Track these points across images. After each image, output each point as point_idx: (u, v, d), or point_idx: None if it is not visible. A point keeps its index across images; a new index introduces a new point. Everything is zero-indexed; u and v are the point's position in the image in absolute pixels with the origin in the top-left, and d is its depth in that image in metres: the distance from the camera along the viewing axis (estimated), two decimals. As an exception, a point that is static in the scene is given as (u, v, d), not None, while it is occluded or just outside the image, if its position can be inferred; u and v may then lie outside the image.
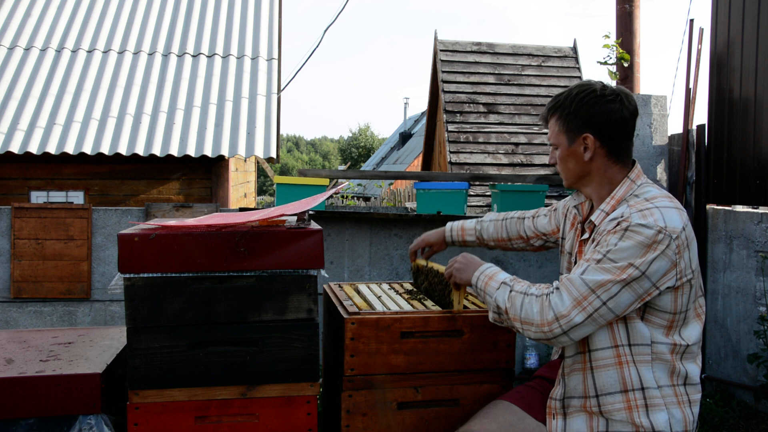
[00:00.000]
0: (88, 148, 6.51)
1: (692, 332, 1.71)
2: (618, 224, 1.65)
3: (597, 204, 1.83)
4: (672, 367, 1.68)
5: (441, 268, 2.11)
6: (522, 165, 7.55)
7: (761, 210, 3.96)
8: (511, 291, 1.72)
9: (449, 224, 2.33)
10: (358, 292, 2.20)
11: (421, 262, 2.27)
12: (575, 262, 1.87)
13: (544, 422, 1.77)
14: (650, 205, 1.66)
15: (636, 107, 1.80)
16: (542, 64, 8.30)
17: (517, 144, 7.69)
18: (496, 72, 8.18)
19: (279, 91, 7.49)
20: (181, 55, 7.72)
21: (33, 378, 1.72)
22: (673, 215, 1.64)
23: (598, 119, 1.76)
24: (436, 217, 4.17)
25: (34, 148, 6.43)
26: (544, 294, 1.66)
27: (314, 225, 1.86)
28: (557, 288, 1.66)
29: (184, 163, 7.02)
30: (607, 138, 1.77)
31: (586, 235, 1.81)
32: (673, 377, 1.69)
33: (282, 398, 1.77)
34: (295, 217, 2.02)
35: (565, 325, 1.61)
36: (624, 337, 1.67)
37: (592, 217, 1.78)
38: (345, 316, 1.84)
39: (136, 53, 7.66)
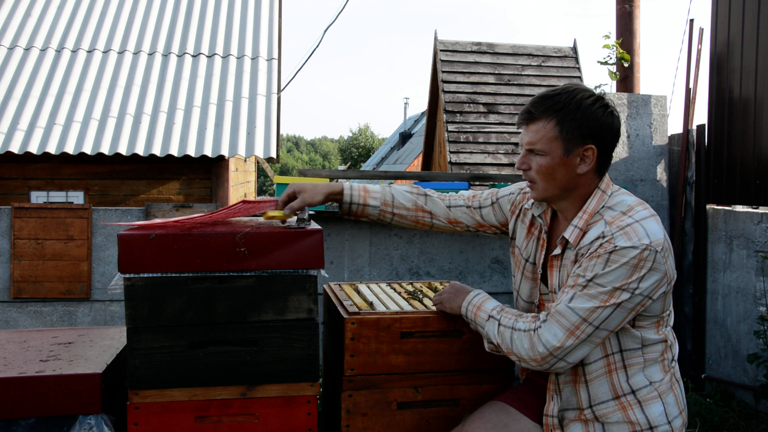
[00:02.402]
0: (88, 148, 6.51)
1: (672, 318, 1.76)
2: (600, 246, 1.59)
3: (566, 217, 1.75)
4: (663, 361, 1.71)
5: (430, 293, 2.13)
6: (522, 165, 7.54)
7: (761, 210, 3.96)
8: (499, 326, 1.68)
9: (348, 182, 1.99)
10: (358, 292, 2.20)
11: (275, 213, 1.86)
12: (543, 275, 1.82)
13: (540, 423, 1.77)
14: (630, 220, 1.60)
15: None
16: (542, 64, 8.30)
17: (517, 144, 7.69)
18: (496, 72, 8.18)
19: (279, 91, 7.49)
20: (181, 55, 7.72)
21: (33, 378, 1.72)
22: (653, 226, 1.61)
23: (603, 131, 1.66)
24: (436, 217, 4.17)
25: (34, 148, 6.43)
26: (531, 329, 1.62)
27: (314, 225, 1.86)
28: (545, 321, 1.61)
29: (184, 163, 7.02)
30: (604, 151, 1.69)
31: (557, 251, 1.72)
32: (664, 366, 1.71)
33: (282, 398, 1.77)
34: (295, 218, 2.02)
35: (560, 354, 1.59)
36: (615, 346, 1.67)
37: (566, 234, 1.69)
38: (345, 316, 1.84)
39: (136, 53, 7.66)
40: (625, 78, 5.18)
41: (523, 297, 1.91)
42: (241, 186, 9.14)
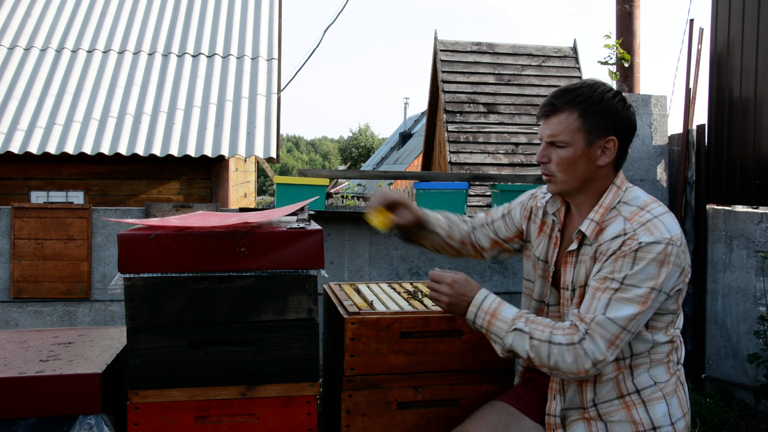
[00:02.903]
0: (88, 148, 6.51)
1: (681, 320, 1.75)
2: (624, 243, 1.59)
3: (581, 212, 1.76)
4: (668, 363, 1.71)
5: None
6: (522, 165, 7.55)
7: (761, 210, 3.96)
8: (531, 339, 1.61)
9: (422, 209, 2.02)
10: (358, 292, 2.20)
11: (380, 219, 1.87)
12: (555, 271, 1.82)
13: (541, 423, 1.77)
14: (649, 216, 1.62)
15: None
16: (542, 64, 8.30)
17: (517, 144, 7.69)
18: (496, 72, 8.18)
19: (279, 91, 7.49)
20: (181, 55, 7.72)
21: (33, 378, 1.72)
22: (670, 221, 1.63)
23: (624, 124, 1.69)
24: (436, 217, 4.17)
25: (34, 148, 6.43)
26: (574, 343, 1.57)
27: (314, 225, 1.86)
28: (587, 334, 1.58)
29: (184, 163, 7.02)
30: (623, 145, 1.71)
31: (573, 246, 1.72)
32: (669, 368, 1.71)
33: (282, 398, 1.77)
34: (295, 218, 2.02)
35: (602, 365, 1.59)
36: (627, 350, 1.67)
37: (582, 228, 1.70)
38: (345, 316, 1.84)
39: (136, 53, 7.66)
40: (625, 78, 5.18)
41: (534, 296, 1.90)
42: (241, 186, 9.14)
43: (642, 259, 1.57)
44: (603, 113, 1.67)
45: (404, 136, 24.80)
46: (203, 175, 7.26)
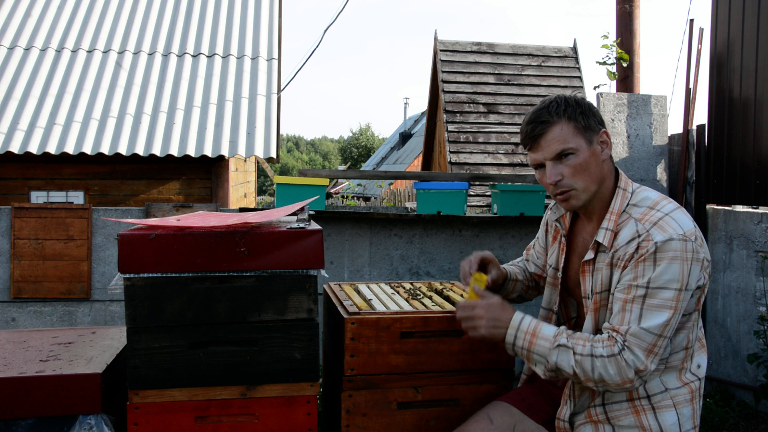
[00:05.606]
0: (88, 148, 6.51)
1: (699, 323, 1.73)
2: (639, 246, 1.59)
3: (591, 219, 1.77)
4: (681, 368, 1.68)
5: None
6: (522, 165, 7.54)
7: (761, 210, 3.96)
8: (575, 355, 1.60)
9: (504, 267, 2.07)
10: (358, 292, 2.20)
11: (480, 279, 1.89)
12: (563, 277, 1.84)
13: (544, 424, 1.76)
14: (660, 214, 1.62)
15: None
16: (542, 64, 8.29)
17: (517, 144, 7.69)
18: (496, 72, 8.18)
19: (279, 91, 7.49)
20: (181, 55, 7.72)
21: (33, 378, 1.72)
22: (682, 217, 1.62)
23: (600, 118, 1.73)
24: (436, 217, 4.17)
25: (34, 148, 6.43)
26: (615, 354, 1.57)
27: (314, 225, 1.86)
28: (625, 344, 1.57)
29: (184, 163, 7.02)
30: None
31: (590, 256, 1.70)
32: (682, 376, 1.68)
33: (282, 398, 1.77)
34: (295, 218, 2.02)
35: (644, 375, 1.58)
36: None
37: (598, 238, 1.68)
38: (345, 316, 1.84)
39: (136, 53, 7.66)
40: (625, 78, 5.18)
41: (543, 304, 1.91)
42: (241, 186, 9.14)
43: (662, 260, 1.56)
44: (585, 112, 1.70)
45: (404, 136, 24.80)
46: (203, 175, 7.26)
